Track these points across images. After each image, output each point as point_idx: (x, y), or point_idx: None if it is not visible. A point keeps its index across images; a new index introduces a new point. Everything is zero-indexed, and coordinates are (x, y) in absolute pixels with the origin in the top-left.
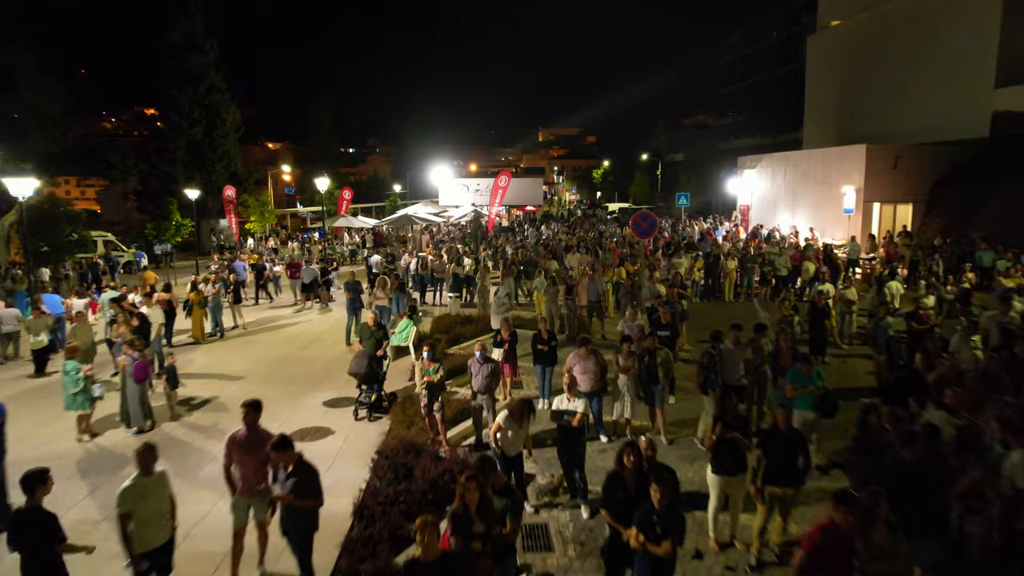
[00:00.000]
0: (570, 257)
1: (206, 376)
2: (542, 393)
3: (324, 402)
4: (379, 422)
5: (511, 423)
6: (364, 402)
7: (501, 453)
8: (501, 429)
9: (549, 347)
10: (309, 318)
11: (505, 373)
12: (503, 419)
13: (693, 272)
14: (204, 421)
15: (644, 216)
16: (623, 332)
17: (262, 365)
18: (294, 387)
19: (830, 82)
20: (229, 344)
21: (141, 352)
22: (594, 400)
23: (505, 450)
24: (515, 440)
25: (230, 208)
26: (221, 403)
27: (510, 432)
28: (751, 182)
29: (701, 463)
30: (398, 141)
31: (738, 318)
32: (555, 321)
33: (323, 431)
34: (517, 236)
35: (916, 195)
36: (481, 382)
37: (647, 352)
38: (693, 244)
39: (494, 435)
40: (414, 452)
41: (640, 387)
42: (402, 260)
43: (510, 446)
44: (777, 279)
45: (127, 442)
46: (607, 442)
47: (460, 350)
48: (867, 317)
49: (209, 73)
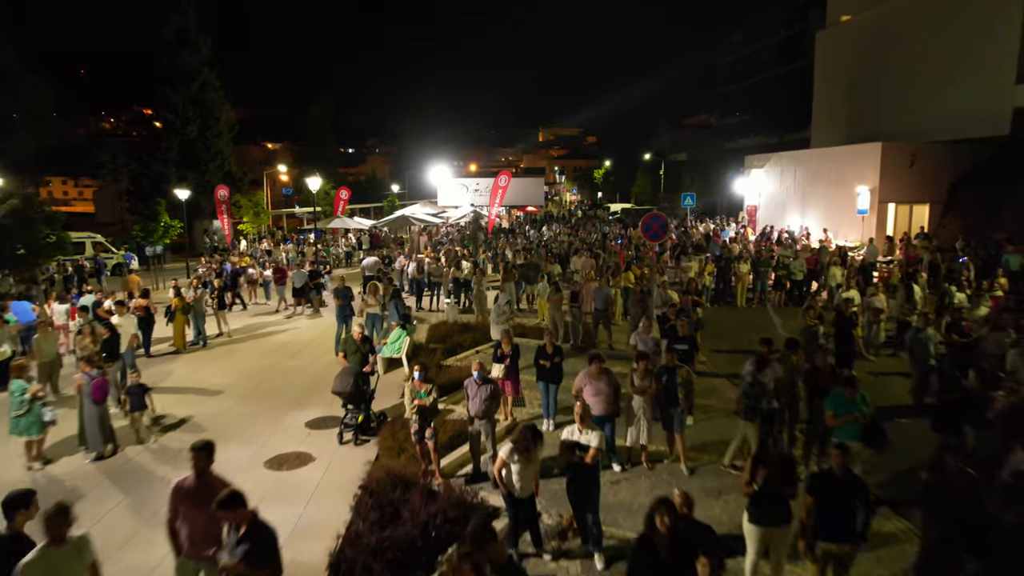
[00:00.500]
0: (575, 260)
1: (182, 390)
2: (546, 413)
3: (307, 422)
4: (366, 446)
5: (517, 457)
6: (350, 424)
7: (507, 494)
8: (506, 465)
9: (553, 363)
10: (298, 325)
11: (506, 391)
12: (507, 453)
13: (704, 276)
14: (175, 444)
15: (655, 217)
16: (636, 346)
17: (245, 377)
18: (277, 403)
19: (840, 79)
20: (212, 353)
21: (101, 368)
22: (607, 425)
23: (512, 491)
24: (524, 478)
25: (223, 209)
26: (196, 423)
27: (517, 468)
28: (759, 182)
29: (729, 497)
30: (397, 141)
31: (752, 325)
32: (559, 330)
33: (303, 458)
34: (518, 238)
35: (933, 195)
36: (479, 406)
37: (665, 371)
38: (702, 246)
39: (498, 472)
40: (403, 486)
41: (657, 409)
42: (397, 263)
43: (518, 485)
44: (792, 283)
45: (83, 470)
46: (620, 471)
47: (457, 362)
48: (895, 326)
49: (202, 70)
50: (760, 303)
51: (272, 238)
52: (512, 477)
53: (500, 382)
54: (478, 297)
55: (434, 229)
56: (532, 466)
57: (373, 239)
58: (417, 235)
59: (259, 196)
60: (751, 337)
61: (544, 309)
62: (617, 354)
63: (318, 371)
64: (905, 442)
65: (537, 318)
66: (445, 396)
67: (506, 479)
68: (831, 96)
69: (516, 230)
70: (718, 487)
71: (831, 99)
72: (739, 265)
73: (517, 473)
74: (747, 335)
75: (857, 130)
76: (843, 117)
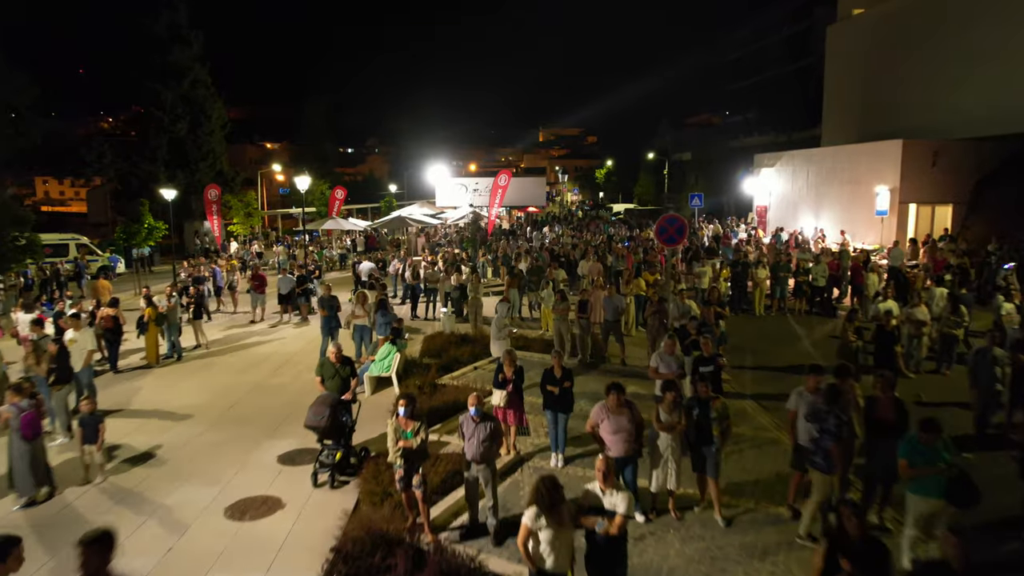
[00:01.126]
0: (583, 264)
1: (147, 414)
2: (554, 446)
3: (281, 456)
4: (345, 489)
5: (545, 524)
6: (326, 463)
7: (536, 572)
8: (532, 535)
9: (562, 388)
10: (283, 335)
11: (509, 420)
12: (531, 519)
13: (720, 282)
14: (128, 483)
15: (671, 220)
16: (657, 369)
17: (219, 397)
18: (250, 430)
19: (852, 75)
20: (186, 368)
21: (32, 399)
22: (628, 467)
23: (542, 567)
24: (557, 551)
25: (212, 209)
26: (157, 456)
27: (546, 537)
28: (769, 181)
29: (777, 558)
30: (397, 141)
31: (774, 337)
32: (566, 343)
33: (271, 503)
34: (519, 240)
35: (956, 195)
36: (476, 448)
37: (697, 403)
38: (714, 249)
39: (523, 545)
40: (385, 546)
41: (686, 446)
42: (391, 266)
43: (550, 560)
44: (813, 290)
45: (8, 519)
46: (645, 522)
47: (453, 380)
48: (941, 339)
49: (193, 67)
50: (779, 311)
51: (266, 239)
52: (541, 549)
53: (501, 411)
54: (474, 305)
55: (432, 230)
56: (565, 533)
57: (368, 241)
58: (414, 237)
59: (249, 196)
60: (777, 351)
61: (548, 318)
62: (630, 371)
63: (299, 390)
64: (979, 484)
65: (541, 328)
66: (439, 424)
67: (534, 553)
68: (843, 92)
69: (517, 231)
70: (761, 543)
71: (843, 95)
72: (757, 270)
73: (547, 543)
74: (771, 349)
75: (871, 127)
76: (856, 114)
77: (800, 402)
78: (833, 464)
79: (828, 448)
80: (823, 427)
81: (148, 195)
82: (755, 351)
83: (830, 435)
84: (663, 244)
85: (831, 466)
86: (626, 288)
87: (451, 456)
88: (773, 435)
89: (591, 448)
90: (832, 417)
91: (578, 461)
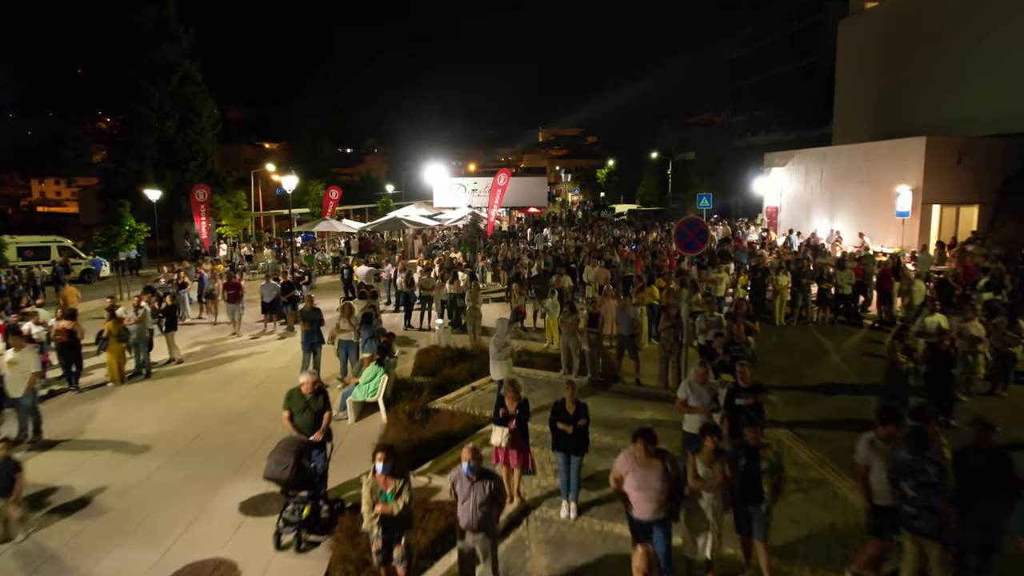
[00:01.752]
0: (588, 270)
1: (98, 444)
2: (565, 493)
3: (243, 503)
4: (314, 552)
5: None
6: (291, 521)
7: None
8: None
9: (576, 427)
10: (265, 348)
11: (512, 463)
12: None
13: (738, 289)
14: (54, 541)
15: (691, 224)
16: (687, 401)
17: (183, 424)
18: (212, 466)
19: (865, 70)
20: (153, 388)
21: None
22: (657, 532)
23: None
24: None
25: (200, 210)
26: (99, 502)
27: None
28: (780, 181)
29: None
30: (396, 141)
31: (800, 350)
32: (574, 359)
33: (224, 570)
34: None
35: (983, 195)
36: (472, 513)
37: (744, 451)
38: (727, 253)
39: None
40: None
41: (728, 502)
42: (384, 271)
43: None
44: (838, 298)
45: None
46: None
47: (448, 404)
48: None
49: (183, 63)
50: (800, 321)
51: (259, 241)
52: None
53: (503, 452)
54: (472, 315)
55: (429, 232)
56: None
57: (363, 244)
58: (411, 239)
59: (240, 196)
60: (806, 368)
61: (554, 329)
62: (645, 392)
63: (274, 414)
64: None
65: (545, 340)
66: (429, 463)
67: None
68: (855, 89)
69: (518, 233)
70: None
71: (856, 92)
72: (778, 277)
73: None
74: (798, 365)
75: (886, 125)
76: (869, 111)
77: (873, 454)
78: (943, 527)
79: (936, 506)
80: (920, 480)
81: (135, 196)
82: (782, 369)
83: (933, 489)
84: (683, 251)
85: (939, 530)
86: (637, 297)
87: (443, 506)
88: (817, 474)
89: (607, 491)
90: (932, 466)
91: (593, 510)
